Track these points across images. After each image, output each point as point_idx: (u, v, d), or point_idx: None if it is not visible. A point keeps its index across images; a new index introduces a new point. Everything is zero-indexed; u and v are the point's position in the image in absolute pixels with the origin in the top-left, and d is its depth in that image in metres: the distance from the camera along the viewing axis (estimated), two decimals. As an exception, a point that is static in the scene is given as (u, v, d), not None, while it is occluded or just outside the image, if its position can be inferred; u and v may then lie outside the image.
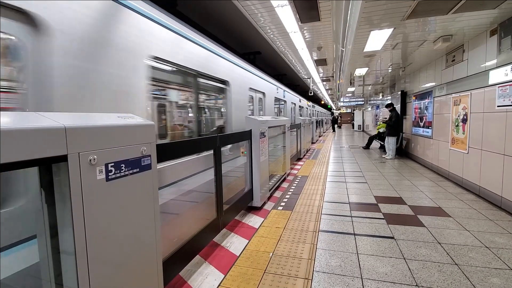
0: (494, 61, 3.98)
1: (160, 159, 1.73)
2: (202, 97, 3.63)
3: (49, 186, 1.13)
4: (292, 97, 9.78)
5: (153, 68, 2.39)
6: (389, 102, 9.04)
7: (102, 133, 1.22)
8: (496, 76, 3.91)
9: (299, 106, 11.81)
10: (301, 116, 11.77)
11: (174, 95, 3.16)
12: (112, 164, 1.26)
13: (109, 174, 1.25)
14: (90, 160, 1.15)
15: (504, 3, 3.25)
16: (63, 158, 1.05)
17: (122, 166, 1.32)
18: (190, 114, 3.39)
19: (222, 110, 4.17)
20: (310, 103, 15.34)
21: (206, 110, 3.93)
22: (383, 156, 8.73)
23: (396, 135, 8.27)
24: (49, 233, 1.18)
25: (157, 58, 2.39)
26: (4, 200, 1.37)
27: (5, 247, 1.30)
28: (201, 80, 3.43)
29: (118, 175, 1.29)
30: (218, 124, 4.22)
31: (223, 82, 3.93)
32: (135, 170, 1.40)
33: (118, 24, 1.96)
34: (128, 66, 2.03)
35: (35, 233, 1.25)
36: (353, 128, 28.55)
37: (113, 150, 1.27)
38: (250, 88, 5.09)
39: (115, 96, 1.94)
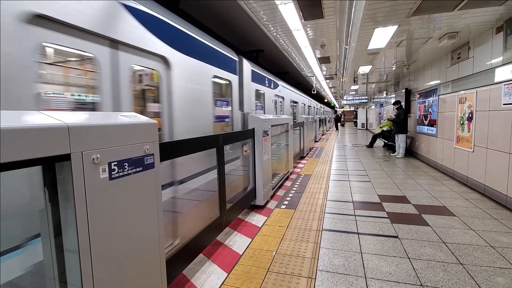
0: (500, 59, 3.92)
1: (163, 158, 1.72)
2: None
3: (53, 185, 1.13)
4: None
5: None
6: (397, 99, 8.87)
7: (105, 132, 1.22)
8: (502, 74, 3.85)
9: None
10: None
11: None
12: (115, 163, 1.26)
13: (112, 173, 1.25)
14: (93, 159, 1.14)
15: (510, 0, 3.20)
16: (66, 157, 1.05)
17: (125, 165, 1.32)
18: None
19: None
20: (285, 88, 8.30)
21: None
22: (392, 154, 8.64)
23: (405, 132, 8.20)
24: (53, 232, 1.19)
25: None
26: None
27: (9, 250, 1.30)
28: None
29: (121, 174, 1.29)
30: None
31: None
32: (138, 169, 1.40)
33: None
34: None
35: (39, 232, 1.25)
36: (355, 126, 28.43)
37: (116, 149, 1.27)
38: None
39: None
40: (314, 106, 15.91)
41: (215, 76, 3.35)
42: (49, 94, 1.65)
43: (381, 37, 4.71)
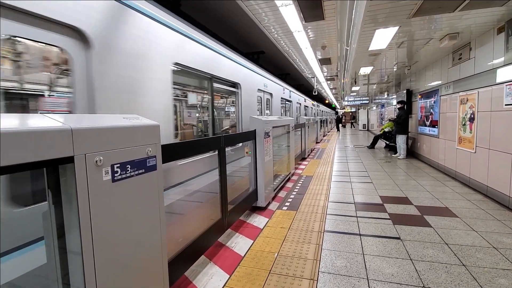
0: (502, 59, 3.91)
1: (165, 160, 1.73)
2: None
3: (56, 187, 1.14)
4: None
5: None
6: (400, 100, 8.76)
7: (108, 134, 1.22)
8: (503, 74, 3.84)
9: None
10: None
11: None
12: (118, 165, 1.27)
13: (115, 175, 1.25)
14: (96, 161, 1.15)
15: (511, 1, 3.20)
16: (70, 160, 1.06)
17: (128, 167, 1.32)
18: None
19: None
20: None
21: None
22: (393, 155, 8.61)
23: (406, 133, 8.16)
24: (56, 234, 1.19)
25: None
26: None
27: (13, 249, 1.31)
28: None
29: (123, 176, 1.30)
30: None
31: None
32: (140, 171, 1.40)
33: None
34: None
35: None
36: (352, 127, 28.53)
37: (118, 151, 1.27)
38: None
39: None
40: (301, 103, 11.29)
41: None
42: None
43: (382, 38, 4.71)
